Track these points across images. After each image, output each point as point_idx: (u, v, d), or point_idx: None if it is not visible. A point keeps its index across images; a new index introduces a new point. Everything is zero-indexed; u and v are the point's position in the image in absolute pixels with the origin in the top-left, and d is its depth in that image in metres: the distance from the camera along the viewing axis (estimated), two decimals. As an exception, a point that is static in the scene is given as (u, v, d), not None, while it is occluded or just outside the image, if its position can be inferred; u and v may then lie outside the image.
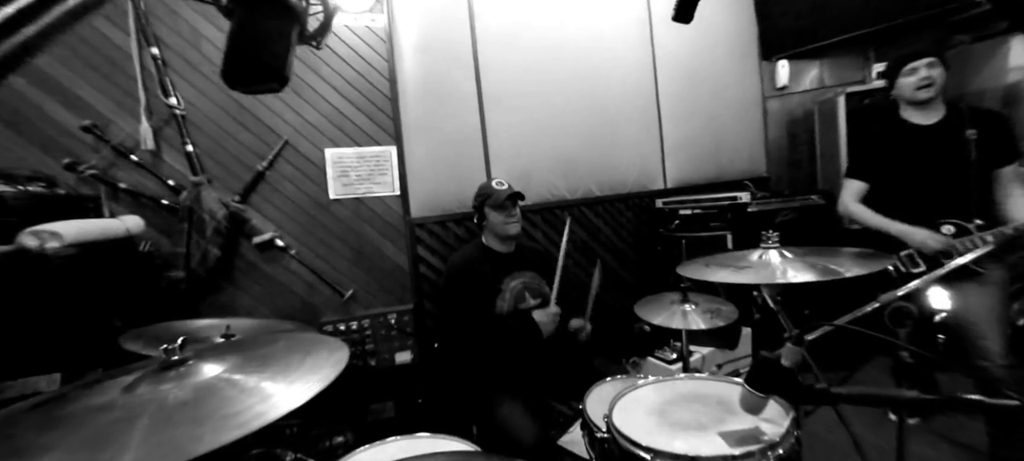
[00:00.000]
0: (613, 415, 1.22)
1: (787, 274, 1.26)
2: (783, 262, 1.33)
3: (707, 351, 2.58)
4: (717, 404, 1.22)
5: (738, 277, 1.29)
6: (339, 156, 2.31)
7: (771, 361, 0.93)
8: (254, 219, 2.20)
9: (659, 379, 1.42)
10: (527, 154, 2.73)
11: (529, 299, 1.99)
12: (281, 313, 2.27)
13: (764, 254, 1.41)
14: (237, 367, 1.02)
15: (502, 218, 1.96)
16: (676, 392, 1.33)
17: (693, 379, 1.41)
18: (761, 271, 1.29)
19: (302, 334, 1.55)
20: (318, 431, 2.23)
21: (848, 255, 1.34)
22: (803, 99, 3.81)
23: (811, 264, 1.27)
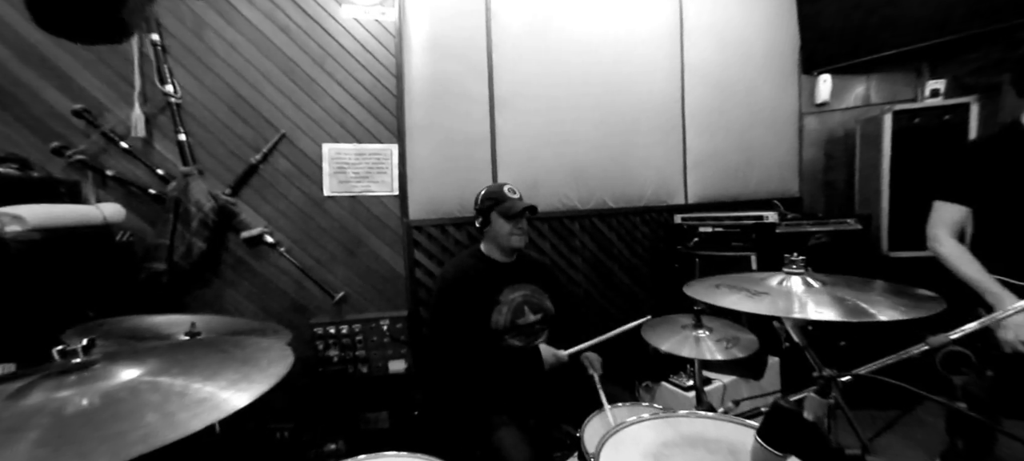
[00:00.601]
0: (601, 456, 1.03)
1: (806, 308, 1.04)
2: (806, 292, 1.12)
3: (729, 380, 2.33)
4: (727, 453, 1.02)
5: (749, 305, 1.08)
6: (337, 152, 2.21)
7: (790, 412, 0.74)
8: (243, 213, 2.11)
9: (661, 415, 1.22)
10: (538, 160, 2.57)
11: (529, 314, 1.81)
12: (269, 312, 2.16)
13: (786, 280, 1.19)
14: (161, 370, 0.88)
15: (509, 228, 1.78)
16: (679, 432, 1.12)
17: (702, 418, 1.20)
18: (778, 301, 1.08)
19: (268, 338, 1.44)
20: (309, 437, 2.11)
21: (887, 292, 1.11)
22: (845, 118, 3.51)
23: (839, 299, 1.05)
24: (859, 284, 1.13)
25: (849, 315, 0.95)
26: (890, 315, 0.92)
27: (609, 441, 1.08)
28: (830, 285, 1.07)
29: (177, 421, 0.68)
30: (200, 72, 2.07)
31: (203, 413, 0.69)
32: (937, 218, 1.60)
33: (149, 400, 0.73)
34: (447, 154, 2.37)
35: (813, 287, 1.09)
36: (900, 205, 2.93)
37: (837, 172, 3.59)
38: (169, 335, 1.45)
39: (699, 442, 1.07)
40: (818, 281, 1.10)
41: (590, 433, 1.28)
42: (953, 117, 2.79)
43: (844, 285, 1.11)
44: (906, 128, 2.92)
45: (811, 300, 1.04)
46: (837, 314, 0.97)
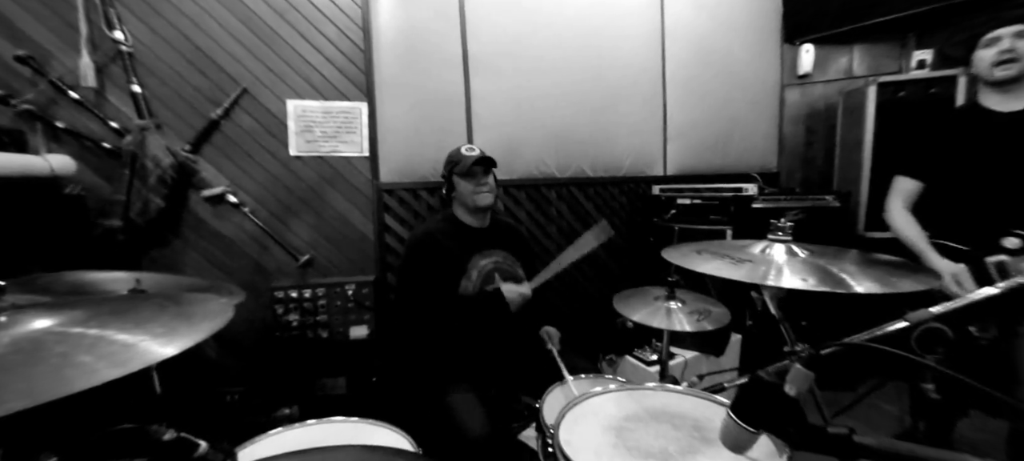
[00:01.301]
0: (560, 428, 0.94)
1: (788, 277, 0.94)
2: (789, 261, 1.02)
3: (691, 356, 2.27)
4: (691, 429, 0.93)
5: (733, 272, 0.98)
6: (303, 110, 2.03)
7: (769, 386, 0.64)
8: (205, 171, 1.94)
9: (626, 387, 1.14)
10: (515, 125, 2.41)
11: (499, 282, 1.69)
12: (231, 274, 2.02)
13: (769, 248, 1.09)
14: (78, 322, 0.75)
15: (471, 187, 1.64)
16: (643, 406, 1.04)
17: (667, 391, 1.12)
18: (761, 269, 0.98)
19: (208, 294, 1.31)
20: (261, 401, 2.00)
21: (881, 265, 1.01)
22: (826, 90, 3.36)
23: (823, 270, 0.95)
24: (848, 257, 1.03)
25: (834, 286, 0.84)
26: (871, 288, 0.82)
27: (569, 414, 0.99)
28: (816, 257, 0.97)
29: (66, 377, 0.57)
30: (151, 19, 1.85)
31: (110, 367, 0.59)
32: (893, 191, 1.67)
33: (53, 351, 0.63)
34: (420, 115, 2.20)
35: (796, 256, 0.98)
36: (881, 183, 2.81)
37: (817, 147, 3.47)
38: (111, 291, 1.32)
39: (664, 416, 0.99)
40: (803, 250, 0.99)
41: (550, 405, 1.20)
42: (940, 90, 2.61)
43: (832, 257, 1.00)
44: (891, 101, 2.76)
45: (795, 269, 0.93)
46: (824, 284, 0.86)
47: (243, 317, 2.05)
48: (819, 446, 0.58)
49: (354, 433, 1.17)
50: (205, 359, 2.02)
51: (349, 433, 1.16)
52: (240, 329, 2.04)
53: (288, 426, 1.16)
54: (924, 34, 3.07)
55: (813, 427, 0.59)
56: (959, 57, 1.61)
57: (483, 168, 1.65)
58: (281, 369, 1.98)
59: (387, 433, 1.15)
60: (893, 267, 0.97)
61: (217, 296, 1.42)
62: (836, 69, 3.37)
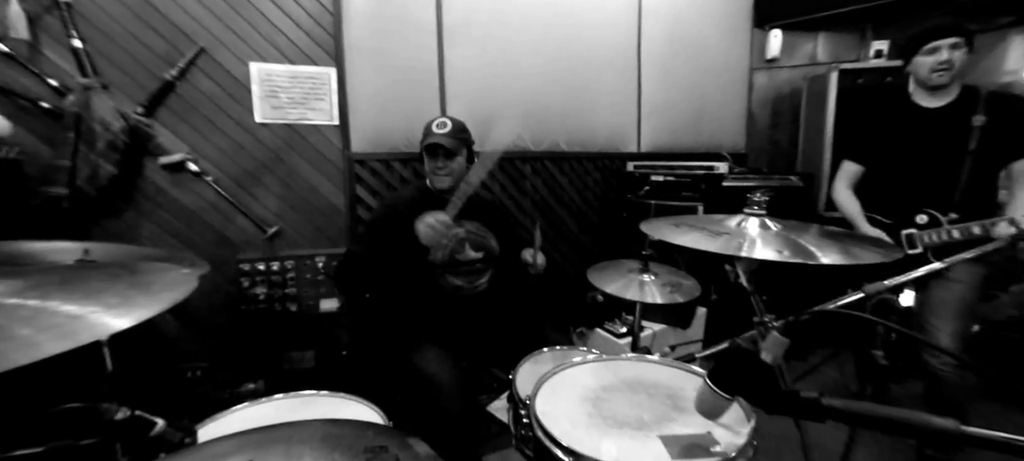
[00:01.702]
0: (536, 399, 0.93)
1: (762, 248, 0.94)
2: (762, 234, 1.02)
3: (659, 328, 2.33)
4: (665, 398, 0.94)
5: (711, 244, 0.97)
6: (268, 73, 1.89)
7: (747, 354, 0.64)
8: (161, 136, 1.79)
9: (601, 358, 1.14)
10: (490, 97, 2.33)
11: (469, 251, 1.65)
12: (192, 245, 1.89)
13: (744, 222, 1.09)
14: (15, 292, 0.67)
15: (431, 168, 1.56)
16: (619, 377, 1.04)
17: (642, 362, 1.13)
18: (738, 241, 0.98)
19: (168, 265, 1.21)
20: (226, 376, 1.92)
21: (841, 238, 1.04)
22: (792, 75, 3.44)
23: (795, 243, 0.96)
24: (807, 230, 1.04)
25: (806, 257, 0.85)
26: (836, 259, 0.83)
27: (545, 384, 0.98)
28: (792, 232, 0.97)
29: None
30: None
31: (53, 340, 0.53)
32: (840, 172, 1.86)
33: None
34: (392, 83, 2.10)
35: (771, 230, 0.98)
36: None
37: (782, 130, 3.57)
38: (56, 263, 1.20)
39: (639, 386, 0.99)
40: (776, 224, 1.00)
41: (523, 377, 1.19)
42: (894, 79, 2.77)
43: (809, 233, 1.01)
44: (850, 88, 2.88)
45: (768, 241, 0.93)
46: (798, 256, 0.86)
47: (206, 290, 1.96)
48: (792, 410, 0.59)
49: (323, 407, 1.12)
50: (163, 335, 1.91)
51: (317, 407, 1.11)
52: (203, 303, 1.93)
53: (255, 401, 1.10)
54: (881, 25, 3.21)
55: (786, 392, 0.60)
56: (901, 55, 1.73)
57: (443, 152, 1.55)
58: (247, 343, 1.90)
59: (357, 407, 1.11)
60: (852, 240, 1.00)
61: (178, 266, 1.32)
62: (802, 54, 3.46)
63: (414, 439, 0.83)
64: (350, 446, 0.85)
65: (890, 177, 1.72)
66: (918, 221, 1.63)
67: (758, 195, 1.10)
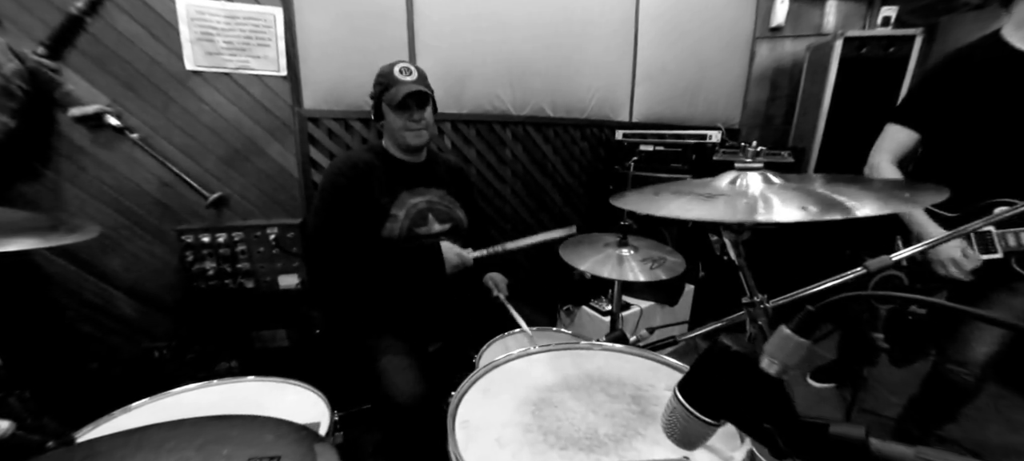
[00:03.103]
0: (461, 405, 0.70)
1: (772, 209, 0.69)
2: (770, 190, 0.77)
3: (646, 305, 2.11)
4: (630, 400, 0.72)
5: (705, 210, 0.72)
6: (198, 10, 1.59)
7: (738, 359, 0.41)
8: (72, 84, 1.51)
9: (561, 346, 0.91)
10: (466, 49, 2.05)
11: (433, 223, 1.40)
12: (126, 212, 1.65)
13: (742, 179, 0.84)
14: None
15: (401, 123, 1.32)
16: (577, 370, 0.82)
17: (606, 350, 0.90)
18: (741, 202, 0.73)
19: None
20: (195, 355, 1.72)
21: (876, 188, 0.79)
22: (795, 47, 3.17)
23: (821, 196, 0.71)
24: (811, 181, 0.80)
25: (843, 212, 0.60)
26: (881, 208, 0.59)
27: (482, 380, 0.75)
28: (796, 183, 0.72)
29: None
30: None
31: None
32: (882, 143, 1.36)
33: None
34: (351, 30, 1.81)
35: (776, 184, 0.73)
36: (832, 141, 2.72)
37: (778, 106, 3.33)
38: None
39: (598, 382, 0.77)
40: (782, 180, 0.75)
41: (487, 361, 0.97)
42: (897, 50, 2.55)
43: (805, 181, 0.77)
44: (852, 58, 2.65)
45: (785, 198, 0.68)
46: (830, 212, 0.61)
47: (154, 266, 1.72)
48: (817, 453, 0.34)
49: (259, 395, 0.97)
50: (123, 317, 1.70)
51: (254, 395, 0.97)
52: (156, 281, 1.73)
53: (186, 388, 0.96)
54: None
55: (807, 424, 0.36)
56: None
57: (416, 102, 1.31)
58: (210, 322, 1.70)
59: (298, 394, 0.97)
60: (887, 186, 0.76)
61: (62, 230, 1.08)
62: (807, 24, 3.17)
63: (323, 446, 0.65)
64: (230, 456, 0.68)
65: (958, 152, 1.25)
66: (1000, 212, 1.16)
67: (752, 145, 0.85)
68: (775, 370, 0.40)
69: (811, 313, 0.39)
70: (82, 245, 1.57)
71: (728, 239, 0.84)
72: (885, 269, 0.91)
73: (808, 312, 0.39)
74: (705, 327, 1.09)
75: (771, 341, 0.41)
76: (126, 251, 1.66)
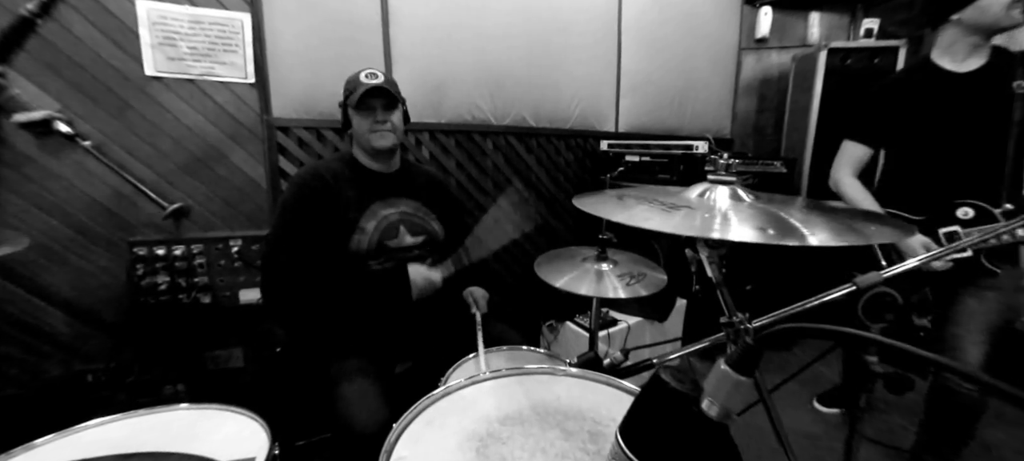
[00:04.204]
0: (400, 442, 0.63)
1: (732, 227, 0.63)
2: (735, 208, 0.72)
3: (634, 322, 2.04)
4: (588, 438, 0.65)
5: (662, 221, 0.67)
6: (161, 14, 1.54)
7: (675, 398, 0.35)
8: (19, 88, 1.44)
9: (514, 372, 0.84)
10: (444, 58, 2.01)
11: (405, 236, 1.33)
12: (73, 224, 1.56)
13: (710, 192, 0.79)
14: None
15: (367, 125, 1.26)
16: (531, 400, 0.75)
17: (568, 377, 0.83)
18: (701, 216, 0.67)
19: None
20: (136, 378, 1.62)
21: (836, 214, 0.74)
22: (781, 58, 3.19)
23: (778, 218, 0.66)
24: (792, 203, 0.75)
25: (798, 238, 0.55)
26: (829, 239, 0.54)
27: (427, 412, 0.68)
28: (773, 205, 0.67)
29: None
30: None
31: None
32: (841, 158, 1.53)
33: None
34: (323, 37, 1.77)
35: (745, 201, 0.68)
36: (824, 150, 2.71)
37: (767, 116, 3.34)
38: None
39: (555, 416, 0.70)
40: (750, 194, 0.70)
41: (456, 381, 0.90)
42: (882, 61, 2.60)
43: (779, 203, 0.72)
44: (838, 69, 2.69)
45: (745, 217, 0.62)
46: (786, 237, 0.56)
47: (101, 281, 1.63)
48: None
49: (192, 426, 0.87)
50: (54, 335, 1.59)
51: (186, 426, 0.86)
52: (99, 296, 1.62)
53: (107, 419, 0.85)
54: (873, 3, 3.02)
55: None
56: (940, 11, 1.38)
57: (381, 103, 1.26)
58: (159, 341, 1.60)
59: (241, 424, 0.86)
60: (851, 216, 0.71)
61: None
62: (791, 35, 3.21)
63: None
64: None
65: (915, 161, 1.41)
66: (960, 216, 1.32)
67: (724, 157, 0.80)
68: (715, 413, 0.34)
69: (751, 347, 0.33)
70: (17, 258, 1.49)
71: (704, 254, 0.79)
72: (876, 286, 0.86)
73: (747, 346, 0.33)
74: (686, 348, 1.02)
75: (709, 378, 0.35)
76: (69, 265, 1.56)
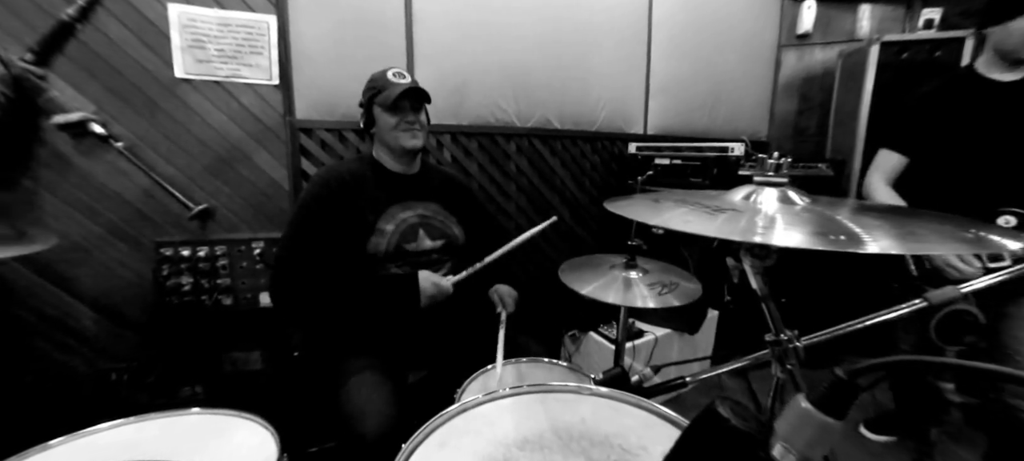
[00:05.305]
0: (412, 458, 0.59)
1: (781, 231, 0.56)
2: (785, 211, 0.65)
3: (661, 333, 1.95)
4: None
5: (704, 225, 0.60)
6: (191, 18, 1.58)
7: (741, 439, 0.29)
8: (57, 90, 1.50)
9: (541, 388, 0.78)
10: (467, 58, 1.99)
11: (424, 239, 1.31)
12: (106, 225, 1.61)
13: (757, 194, 0.72)
14: None
15: (394, 122, 1.26)
16: (560, 422, 0.69)
17: (594, 396, 0.76)
18: (747, 219, 0.60)
19: None
20: (156, 379, 1.65)
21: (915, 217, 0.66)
22: (826, 54, 3.00)
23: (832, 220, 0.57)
24: (841, 205, 0.67)
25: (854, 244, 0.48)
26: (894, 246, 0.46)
27: (437, 433, 0.64)
28: (825, 205, 0.60)
29: None
30: None
31: None
32: (875, 165, 1.52)
33: None
34: (347, 38, 1.77)
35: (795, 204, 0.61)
36: (874, 151, 2.49)
37: (810, 117, 3.15)
38: None
39: (579, 443, 0.64)
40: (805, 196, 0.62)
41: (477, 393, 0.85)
42: (944, 54, 2.34)
43: (833, 206, 0.64)
44: (892, 64, 2.46)
45: (797, 221, 0.55)
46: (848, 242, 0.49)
47: (128, 280, 1.67)
48: None
49: (201, 433, 0.85)
50: (82, 332, 1.65)
51: (194, 432, 0.85)
52: (124, 294, 1.66)
53: (118, 422, 0.85)
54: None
55: None
56: (978, 19, 1.39)
57: (411, 102, 1.25)
58: (180, 342, 1.63)
59: (250, 432, 0.85)
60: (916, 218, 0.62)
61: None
62: (837, 30, 3.01)
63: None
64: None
65: (954, 170, 1.38)
66: (1002, 224, 1.28)
67: (774, 156, 0.73)
68: (795, 459, 0.28)
69: (843, 383, 0.27)
70: (50, 255, 1.55)
71: (748, 264, 0.72)
72: (952, 303, 0.77)
73: (838, 381, 0.27)
74: (724, 366, 0.94)
75: (784, 417, 0.28)
76: (98, 263, 1.61)
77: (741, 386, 2.00)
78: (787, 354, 0.71)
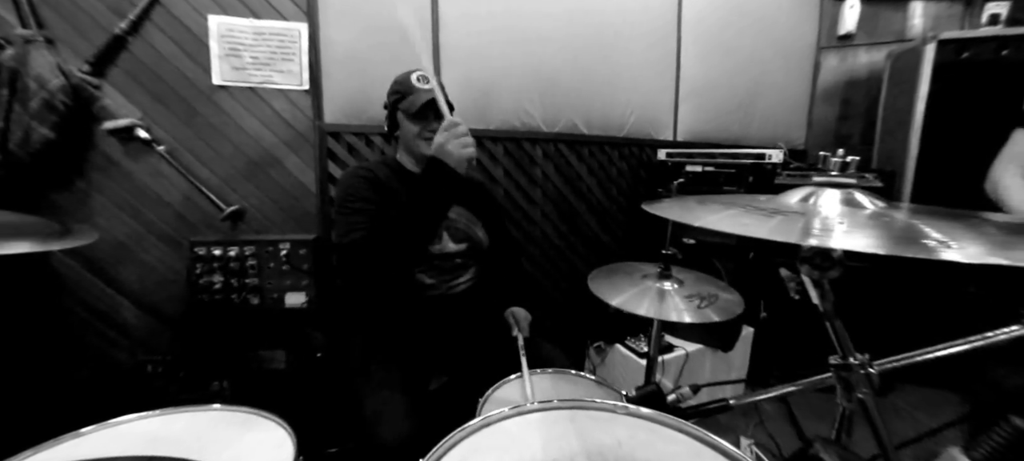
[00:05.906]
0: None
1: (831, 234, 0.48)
2: (845, 214, 0.57)
3: (693, 349, 1.84)
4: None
5: (755, 227, 0.54)
6: (228, 28, 1.62)
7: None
8: (109, 98, 1.57)
9: (572, 403, 0.73)
10: (493, 61, 1.97)
11: (448, 242, 1.29)
12: (147, 225, 1.67)
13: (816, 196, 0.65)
14: None
15: (417, 130, 1.24)
16: (592, 443, 0.63)
17: (627, 416, 0.70)
18: (795, 224, 0.53)
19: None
20: (186, 373, 1.69)
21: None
22: (871, 58, 2.81)
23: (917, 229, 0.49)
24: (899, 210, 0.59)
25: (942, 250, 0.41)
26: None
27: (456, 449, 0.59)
28: (898, 208, 0.52)
29: None
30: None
31: None
32: (1008, 153, 1.16)
33: None
34: (374, 44, 1.78)
35: (863, 208, 0.53)
36: (931, 163, 2.26)
37: (853, 124, 2.95)
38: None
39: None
40: (876, 199, 0.55)
41: (492, 408, 0.81)
42: (1012, 53, 2.11)
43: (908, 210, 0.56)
44: (950, 64, 2.23)
45: (846, 224, 0.48)
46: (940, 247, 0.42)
47: (165, 277, 1.73)
48: None
49: (221, 429, 0.85)
50: (125, 325, 1.71)
51: (215, 429, 0.85)
52: (162, 292, 1.73)
53: (145, 414, 0.87)
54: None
55: None
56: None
57: (435, 111, 1.23)
58: (209, 338, 1.67)
59: (269, 431, 0.84)
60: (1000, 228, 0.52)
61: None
62: (885, 29, 2.82)
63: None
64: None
65: None
66: None
67: (839, 154, 0.66)
68: None
69: None
70: (98, 252, 1.63)
71: (808, 276, 0.64)
72: None
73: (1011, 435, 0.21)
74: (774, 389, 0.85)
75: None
76: (139, 260, 1.68)
77: (780, 411, 1.87)
78: (858, 381, 0.63)
